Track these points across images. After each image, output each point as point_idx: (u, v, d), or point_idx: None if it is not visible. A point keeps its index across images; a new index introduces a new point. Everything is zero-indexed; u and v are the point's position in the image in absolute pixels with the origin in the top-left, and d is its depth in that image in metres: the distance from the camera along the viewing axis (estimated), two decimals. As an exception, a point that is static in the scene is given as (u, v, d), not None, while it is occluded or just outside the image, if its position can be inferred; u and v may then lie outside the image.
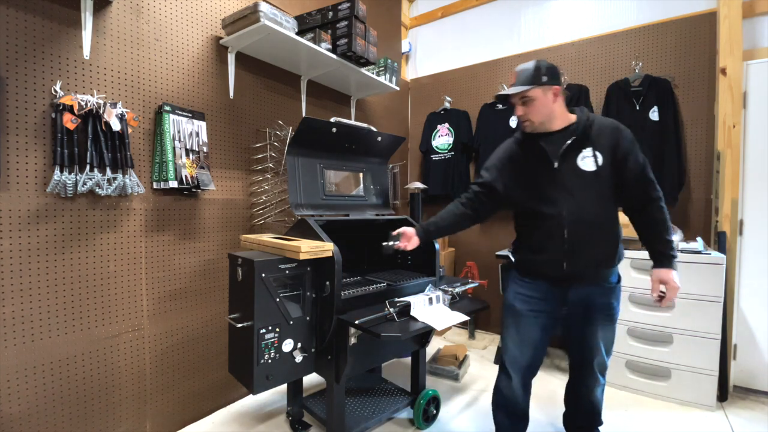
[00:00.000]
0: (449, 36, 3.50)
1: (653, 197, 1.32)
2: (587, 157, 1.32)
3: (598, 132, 1.33)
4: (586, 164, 1.32)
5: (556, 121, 1.37)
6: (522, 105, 1.37)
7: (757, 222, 2.17)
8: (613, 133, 1.33)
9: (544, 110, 1.35)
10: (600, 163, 1.31)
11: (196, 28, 1.83)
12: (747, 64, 2.20)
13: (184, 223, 1.79)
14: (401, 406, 1.85)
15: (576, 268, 1.35)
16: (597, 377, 1.49)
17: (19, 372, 1.32)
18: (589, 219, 1.32)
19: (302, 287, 1.51)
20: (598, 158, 1.32)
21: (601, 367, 1.49)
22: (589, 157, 1.32)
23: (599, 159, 1.31)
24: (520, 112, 1.38)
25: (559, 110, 1.37)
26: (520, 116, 1.39)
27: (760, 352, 2.16)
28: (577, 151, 1.33)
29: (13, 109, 1.29)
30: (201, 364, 1.89)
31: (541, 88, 1.32)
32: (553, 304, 1.42)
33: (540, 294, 1.43)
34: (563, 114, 1.38)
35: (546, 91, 1.33)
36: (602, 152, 1.32)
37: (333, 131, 1.77)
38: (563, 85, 1.34)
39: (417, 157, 3.58)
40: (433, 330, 1.49)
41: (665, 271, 1.33)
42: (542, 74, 1.32)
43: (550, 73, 1.33)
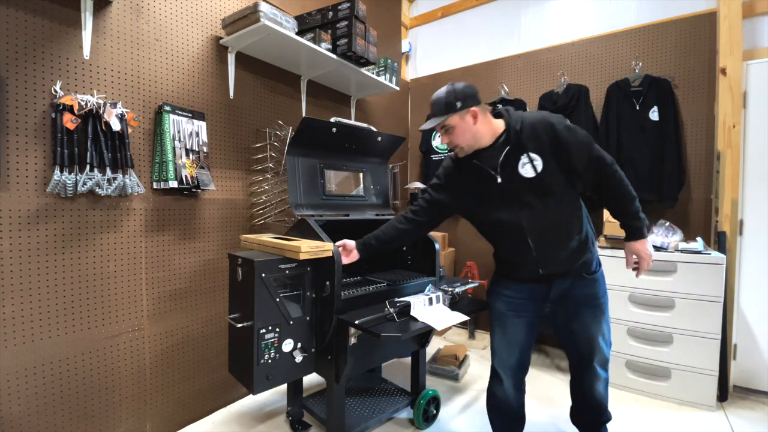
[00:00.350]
0: (449, 36, 3.50)
1: (606, 174, 1.31)
2: (527, 163, 1.29)
3: (531, 134, 1.30)
4: (528, 171, 1.29)
5: (485, 138, 1.35)
6: (445, 134, 1.37)
7: (757, 222, 2.17)
8: (546, 130, 1.29)
9: (468, 134, 1.33)
10: (541, 166, 1.28)
11: (196, 28, 1.83)
12: (747, 64, 2.20)
13: (184, 223, 1.79)
14: (401, 406, 1.85)
15: (552, 270, 1.35)
16: (596, 372, 1.47)
17: (19, 372, 1.32)
18: (550, 223, 1.31)
19: (302, 287, 1.51)
20: (537, 162, 1.28)
21: (600, 361, 1.46)
22: (528, 163, 1.29)
23: (539, 162, 1.28)
24: (445, 140, 1.38)
25: (484, 128, 1.34)
26: (447, 144, 1.39)
27: (760, 352, 2.16)
28: (516, 160, 1.30)
29: (13, 109, 1.29)
30: (201, 364, 1.89)
31: (457, 114, 1.31)
32: (537, 303, 1.43)
33: (523, 294, 1.43)
34: (490, 128, 1.35)
35: (463, 115, 1.32)
36: (541, 153, 1.28)
37: (333, 131, 1.77)
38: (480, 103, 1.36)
39: (417, 157, 3.58)
40: (433, 330, 1.49)
41: (636, 243, 1.36)
42: (456, 100, 1.31)
43: (463, 96, 1.31)
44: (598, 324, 1.42)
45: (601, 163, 1.30)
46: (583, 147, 1.28)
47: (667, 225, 2.23)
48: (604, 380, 1.51)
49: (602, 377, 1.49)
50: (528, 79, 3.01)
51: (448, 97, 1.32)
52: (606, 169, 1.30)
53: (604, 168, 1.30)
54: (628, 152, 2.43)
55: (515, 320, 1.43)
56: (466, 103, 1.32)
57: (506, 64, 3.12)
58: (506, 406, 1.52)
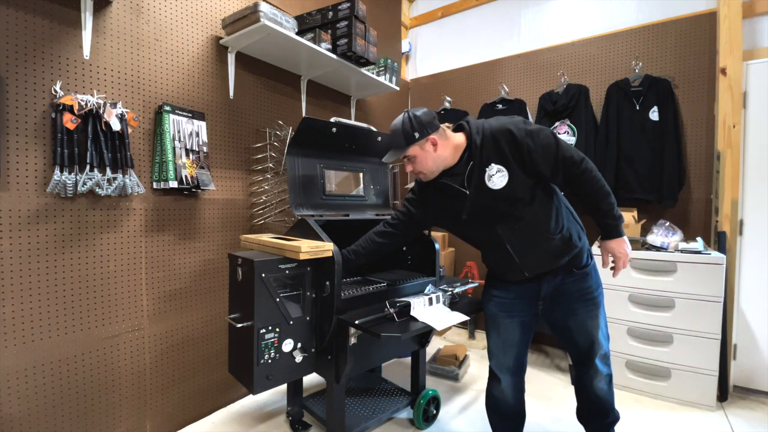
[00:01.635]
0: (449, 36, 3.50)
1: (576, 173, 1.26)
2: (493, 175, 1.27)
3: (492, 145, 1.27)
4: (495, 182, 1.27)
5: (447, 160, 1.34)
6: (408, 163, 1.38)
7: (757, 222, 2.17)
8: (506, 139, 1.26)
9: (429, 162, 1.33)
10: (507, 177, 1.26)
11: (196, 28, 1.83)
12: (747, 64, 2.20)
13: (184, 223, 1.79)
14: (401, 406, 1.85)
15: (537, 271, 1.35)
16: (597, 368, 1.44)
17: (19, 372, 1.32)
18: (526, 229, 1.30)
19: (302, 287, 1.51)
20: (503, 172, 1.26)
21: (600, 356, 1.43)
22: (494, 175, 1.27)
23: (504, 173, 1.26)
24: (408, 169, 1.39)
25: (446, 151, 1.34)
26: (410, 172, 1.39)
27: (760, 352, 2.16)
28: (481, 173, 1.28)
29: (13, 109, 1.29)
30: (201, 364, 1.89)
31: (417, 144, 1.32)
32: (528, 302, 1.42)
33: (513, 294, 1.43)
34: (452, 148, 1.34)
35: (423, 144, 1.32)
36: (505, 163, 1.26)
37: (333, 131, 1.77)
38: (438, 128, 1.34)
39: (417, 157, 3.57)
40: (433, 330, 1.49)
41: (611, 241, 1.32)
42: (413, 131, 1.31)
43: (420, 126, 1.31)
44: (594, 318, 1.39)
45: (569, 162, 1.25)
46: (547, 150, 1.24)
47: (667, 225, 2.23)
48: (607, 376, 1.47)
49: (604, 373, 1.46)
50: (528, 79, 3.02)
51: (405, 128, 1.32)
52: (575, 168, 1.25)
53: (573, 167, 1.25)
54: (628, 152, 2.43)
55: (507, 321, 1.43)
56: (424, 132, 1.31)
57: (506, 64, 3.12)
58: (505, 406, 1.51)
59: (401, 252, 2.08)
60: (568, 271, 1.37)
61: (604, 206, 1.29)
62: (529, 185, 1.27)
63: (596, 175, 1.27)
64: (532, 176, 1.27)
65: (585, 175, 1.26)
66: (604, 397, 1.48)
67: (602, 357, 1.44)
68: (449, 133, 1.37)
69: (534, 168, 1.25)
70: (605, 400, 1.48)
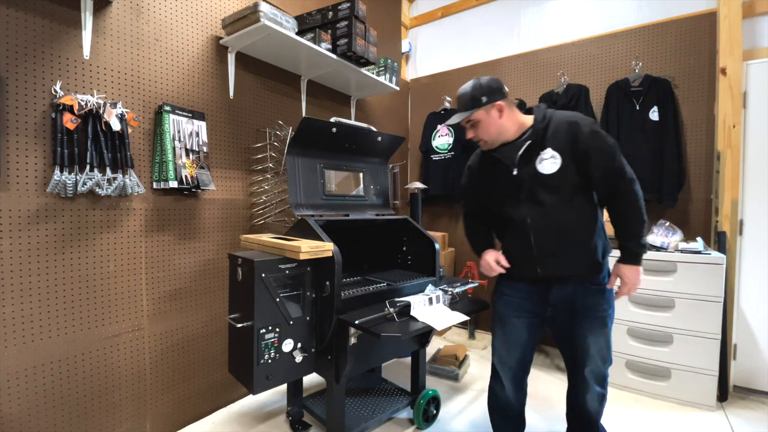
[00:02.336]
0: (449, 36, 3.50)
1: (621, 189, 1.26)
2: (545, 159, 1.29)
3: (555, 131, 1.29)
4: (545, 167, 1.28)
5: (510, 132, 1.35)
6: (471, 128, 1.39)
7: (757, 222, 2.17)
8: (570, 129, 1.27)
9: (493, 128, 1.35)
10: (559, 164, 1.27)
11: (196, 28, 1.83)
12: (747, 64, 2.20)
13: (184, 223, 1.79)
14: (401, 406, 1.85)
15: (550, 272, 1.35)
16: (589, 385, 1.40)
17: (19, 372, 1.32)
18: (554, 224, 1.30)
19: (302, 287, 1.51)
20: (556, 159, 1.27)
21: (595, 376, 1.39)
22: (547, 159, 1.28)
23: (557, 160, 1.27)
24: (470, 134, 1.41)
25: (510, 122, 1.35)
26: (472, 138, 1.41)
27: (760, 352, 2.16)
28: (535, 155, 1.30)
29: (13, 109, 1.29)
30: (201, 364, 1.89)
31: (482, 109, 1.33)
32: (536, 305, 1.41)
33: (522, 294, 1.43)
34: (516, 122, 1.36)
35: (489, 110, 1.33)
36: (561, 152, 1.27)
37: (333, 131, 1.77)
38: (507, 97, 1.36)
39: (417, 157, 3.58)
40: (433, 330, 1.49)
41: (627, 266, 1.30)
42: (481, 95, 1.33)
43: (488, 91, 1.32)
44: (597, 336, 1.35)
45: (619, 175, 1.25)
46: (604, 154, 1.25)
47: (667, 225, 2.23)
48: (598, 395, 1.42)
49: (595, 391, 1.41)
50: (528, 79, 3.01)
51: (474, 92, 1.34)
52: (622, 183, 1.25)
53: (621, 182, 1.25)
54: (628, 152, 2.39)
55: (514, 320, 1.43)
56: (492, 98, 1.32)
57: (506, 64, 3.12)
58: (506, 405, 1.51)
59: (401, 252, 2.08)
60: (581, 283, 1.35)
61: (635, 230, 1.27)
62: (574, 182, 1.28)
63: (639, 199, 1.26)
64: (580, 174, 1.27)
65: (629, 194, 1.26)
66: (591, 414, 1.45)
67: (596, 376, 1.40)
68: (516, 109, 1.38)
69: (586, 166, 1.26)
70: (591, 418, 1.45)
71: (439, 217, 3.49)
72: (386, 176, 2.17)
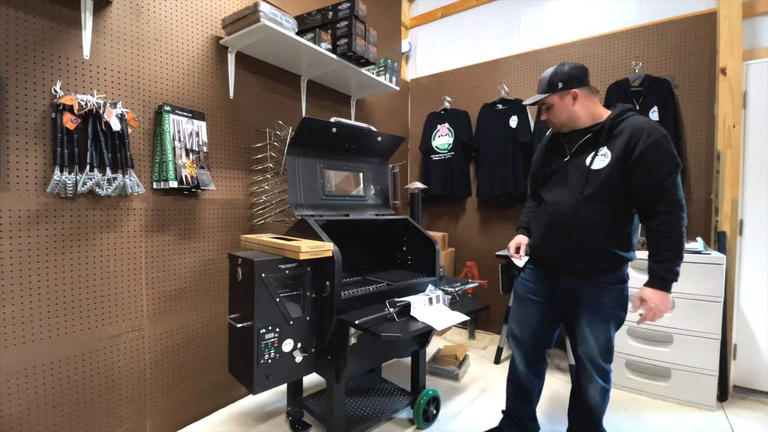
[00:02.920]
0: (449, 36, 3.50)
1: (662, 211, 1.24)
2: (600, 155, 1.32)
3: (621, 131, 1.30)
4: (596, 161, 1.32)
5: (580, 120, 1.40)
6: (545, 111, 1.45)
7: (757, 222, 2.17)
8: (633, 133, 1.27)
9: (564, 113, 1.40)
10: (607, 162, 1.30)
11: (196, 28, 1.83)
12: (747, 64, 2.20)
13: (184, 223, 1.79)
14: (401, 406, 1.85)
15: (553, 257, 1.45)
16: (590, 374, 1.45)
17: (19, 372, 1.32)
18: (578, 215, 1.35)
19: (302, 287, 1.51)
20: (606, 157, 1.30)
21: (594, 365, 1.44)
22: (600, 156, 1.32)
23: (607, 159, 1.30)
24: (544, 116, 1.47)
25: (583, 110, 1.39)
26: (544, 119, 1.47)
27: (760, 352, 2.16)
28: (592, 149, 1.35)
29: (13, 109, 1.29)
30: (201, 364, 1.89)
31: (557, 94, 1.39)
32: (548, 291, 1.50)
33: (536, 279, 1.54)
34: (591, 113, 1.39)
35: (563, 96, 1.38)
36: (614, 151, 1.29)
37: (333, 131, 1.77)
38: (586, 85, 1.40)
39: (417, 157, 3.58)
40: (433, 330, 1.49)
41: (649, 290, 1.28)
42: (558, 81, 1.38)
43: (567, 77, 1.37)
44: (599, 332, 1.39)
45: (663, 194, 1.23)
46: (655, 168, 1.23)
47: (667, 225, 2.23)
48: (599, 387, 1.45)
49: (595, 381, 1.45)
50: (528, 79, 3.02)
51: (553, 77, 1.39)
52: (663, 203, 1.23)
53: (663, 202, 1.23)
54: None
55: (527, 302, 1.55)
56: (568, 85, 1.37)
57: (506, 64, 3.12)
58: (518, 378, 1.64)
59: (401, 252, 2.08)
60: (590, 280, 1.39)
61: (667, 256, 1.25)
62: (615, 184, 1.29)
63: (680, 225, 1.23)
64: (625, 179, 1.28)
65: (668, 217, 1.23)
66: (592, 406, 1.49)
67: (598, 369, 1.44)
68: (596, 99, 1.42)
69: (632, 171, 1.26)
70: (592, 409, 1.50)
71: (439, 217, 3.49)
72: (386, 176, 2.17)
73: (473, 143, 3.17)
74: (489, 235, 3.19)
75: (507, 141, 2.94)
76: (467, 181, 3.24)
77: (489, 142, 3.03)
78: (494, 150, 3.01)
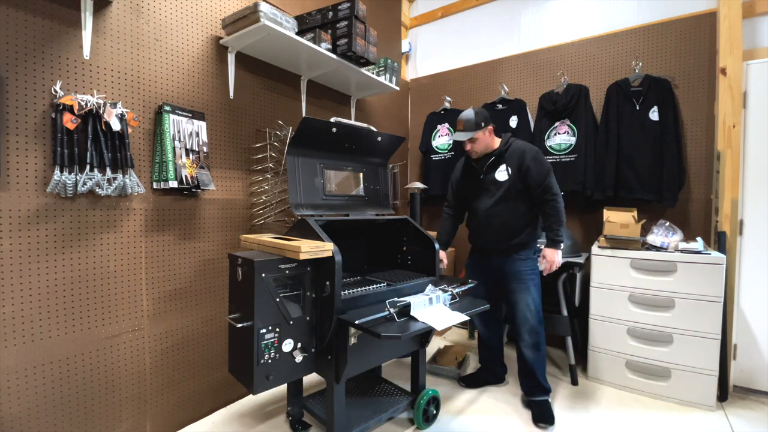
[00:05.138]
0: (449, 36, 3.50)
1: (547, 199, 1.85)
2: (501, 170, 1.94)
3: (511, 154, 1.93)
4: (500, 176, 1.94)
5: (489, 147, 1.97)
6: (470, 142, 1.95)
7: (757, 222, 2.17)
8: (520, 155, 1.90)
9: (484, 144, 1.96)
10: (508, 175, 1.92)
11: (196, 28, 1.83)
12: (747, 64, 2.20)
13: (184, 223, 1.79)
14: (401, 406, 1.85)
15: (485, 243, 2.03)
16: (521, 334, 1.97)
17: (19, 372, 1.32)
18: (495, 212, 1.95)
19: (302, 287, 1.51)
20: (508, 171, 1.92)
21: (523, 323, 1.94)
22: (502, 171, 1.94)
23: (509, 172, 1.92)
24: (468, 147, 1.97)
25: (492, 140, 1.98)
26: (468, 150, 1.98)
27: (760, 352, 2.16)
28: (496, 167, 1.95)
29: (13, 109, 1.29)
30: (201, 364, 1.89)
31: (481, 130, 1.92)
32: (486, 270, 2.06)
33: (474, 260, 2.15)
34: (494, 142, 1.99)
35: (484, 131, 1.93)
36: (512, 167, 1.91)
37: (333, 131, 1.77)
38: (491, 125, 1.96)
39: (417, 157, 3.58)
40: (433, 330, 1.49)
41: (547, 249, 1.90)
42: (480, 120, 1.91)
43: (484, 118, 1.92)
44: (523, 294, 1.93)
45: (546, 190, 1.85)
46: (539, 174, 1.86)
47: (667, 225, 2.23)
48: (531, 345, 1.95)
49: (528, 342, 1.95)
50: (528, 79, 3.02)
51: (477, 117, 1.91)
52: (548, 195, 1.85)
53: (547, 194, 1.85)
54: (628, 152, 2.43)
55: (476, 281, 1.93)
56: (486, 123, 1.93)
57: (506, 64, 3.12)
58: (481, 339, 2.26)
59: (401, 252, 2.08)
60: (509, 255, 1.96)
61: (555, 227, 1.87)
62: (517, 188, 1.91)
63: (559, 208, 1.85)
64: (523, 184, 1.90)
65: (552, 203, 1.85)
66: (530, 365, 1.96)
67: (528, 329, 1.95)
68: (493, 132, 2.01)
69: (526, 179, 1.89)
70: (530, 369, 1.97)
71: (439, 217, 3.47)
72: (386, 176, 2.17)
73: (473, 144, 3.17)
74: (489, 235, 3.19)
75: (507, 141, 2.94)
76: (467, 181, 3.24)
77: (489, 142, 3.03)
78: (494, 150, 3.00)
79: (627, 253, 2.19)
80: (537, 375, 1.96)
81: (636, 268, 2.17)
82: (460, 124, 1.94)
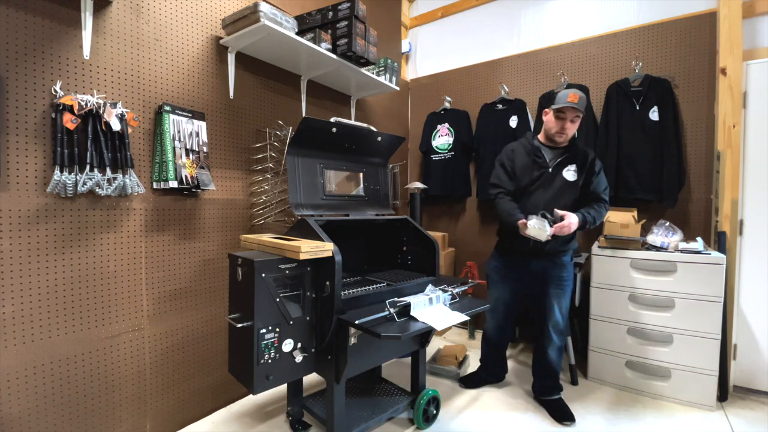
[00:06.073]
0: (449, 36, 3.50)
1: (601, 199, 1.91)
2: (570, 170, 1.92)
3: (578, 154, 1.93)
4: (569, 175, 1.92)
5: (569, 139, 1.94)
6: (571, 123, 1.86)
7: (757, 222, 2.17)
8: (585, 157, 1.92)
9: (574, 130, 1.91)
10: (575, 176, 1.92)
11: (196, 28, 1.83)
12: (747, 64, 2.20)
13: (184, 223, 1.79)
14: (401, 406, 1.85)
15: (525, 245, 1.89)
16: (551, 336, 1.97)
17: (19, 372, 1.32)
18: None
19: (302, 287, 1.51)
20: (575, 172, 1.92)
21: (554, 327, 1.96)
22: (571, 170, 1.92)
23: (575, 173, 1.92)
24: (567, 125, 1.86)
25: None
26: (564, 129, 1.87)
27: (760, 352, 2.16)
28: (565, 165, 1.93)
29: (13, 109, 1.29)
30: (201, 364, 1.89)
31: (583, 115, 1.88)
32: (516, 272, 2.02)
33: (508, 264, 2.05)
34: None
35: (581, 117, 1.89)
36: (578, 168, 1.92)
37: (333, 131, 1.77)
38: None
39: (417, 157, 3.58)
40: (433, 330, 1.49)
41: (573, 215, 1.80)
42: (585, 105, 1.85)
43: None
44: (559, 298, 1.94)
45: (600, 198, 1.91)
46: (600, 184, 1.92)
47: (667, 225, 2.23)
48: (558, 348, 2.00)
49: (555, 342, 1.98)
50: (528, 79, 3.02)
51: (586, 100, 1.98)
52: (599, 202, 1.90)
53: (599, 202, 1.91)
54: (628, 152, 2.43)
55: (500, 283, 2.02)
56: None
57: (506, 64, 3.12)
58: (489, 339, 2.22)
59: (401, 252, 2.08)
60: (552, 260, 1.93)
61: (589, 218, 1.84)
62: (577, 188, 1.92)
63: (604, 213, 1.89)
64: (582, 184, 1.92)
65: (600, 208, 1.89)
66: (552, 365, 2.00)
67: (555, 327, 1.96)
68: None
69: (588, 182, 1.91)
70: (552, 368, 2.00)
71: (439, 217, 3.50)
72: (386, 176, 2.17)
73: (473, 143, 3.17)
74: (489, 236, 3.19)
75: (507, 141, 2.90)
76: (467, 181, 3.24)
77: (489, 142, 3.03)
78: (494, 150, 2.98)
79: (627, 253, 2.19)
80: (556, 378, 2.01)
81: (636, 268, 2.17)
82: (574, 97, 1.79)
